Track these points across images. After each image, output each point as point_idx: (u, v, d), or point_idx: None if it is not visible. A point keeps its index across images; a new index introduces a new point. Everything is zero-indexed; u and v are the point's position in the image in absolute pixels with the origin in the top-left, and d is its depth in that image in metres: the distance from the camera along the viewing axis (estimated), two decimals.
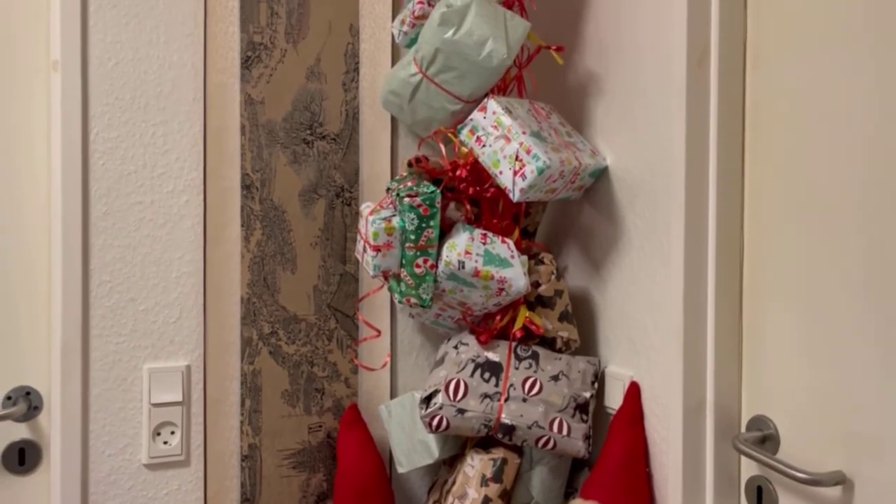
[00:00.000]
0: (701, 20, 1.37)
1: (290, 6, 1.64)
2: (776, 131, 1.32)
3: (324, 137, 1.68)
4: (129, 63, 1.51)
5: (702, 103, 1.38)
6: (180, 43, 1.55)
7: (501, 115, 1.45)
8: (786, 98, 1.30)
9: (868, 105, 1.15)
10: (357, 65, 1.71)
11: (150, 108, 1.53)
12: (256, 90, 1.62)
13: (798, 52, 1.28)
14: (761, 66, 1.36)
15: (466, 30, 1.45)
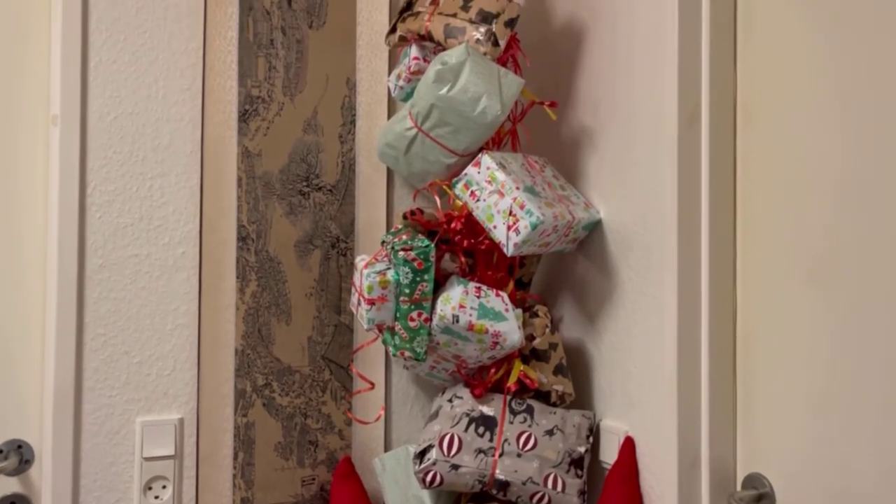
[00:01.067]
0: (691, 80, 1.40)
1: (289, 60, 1.67)
2: (767, 187, 1.34)
3: (320, 188, 1.70)
4: (127, 117, 1.53)
5: (693, 161, 1.39)
6: (179, 97, 1.57)
7: (495, 170, 1.47)
8: (777, 155, 1.32)
9: (859, 161, 1.17)
10: (354, 117, 1.73)
11: (148, 161, 1.54)
12: (254, 143, 1.63)
13: (789, 111, 1.30)
14: (752, 124, 1.38)
15: (461, 87, 1.47)
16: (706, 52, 1.40)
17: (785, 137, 1.31)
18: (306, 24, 1.68)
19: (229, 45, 1.61)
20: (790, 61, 1.30)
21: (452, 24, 1.54)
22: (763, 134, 1.35)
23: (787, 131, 1.30)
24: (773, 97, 1.34)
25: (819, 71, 1.25)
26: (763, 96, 1.36)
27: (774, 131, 1.33)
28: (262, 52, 1.64)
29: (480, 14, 1.53)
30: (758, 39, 1.37)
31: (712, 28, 1.40)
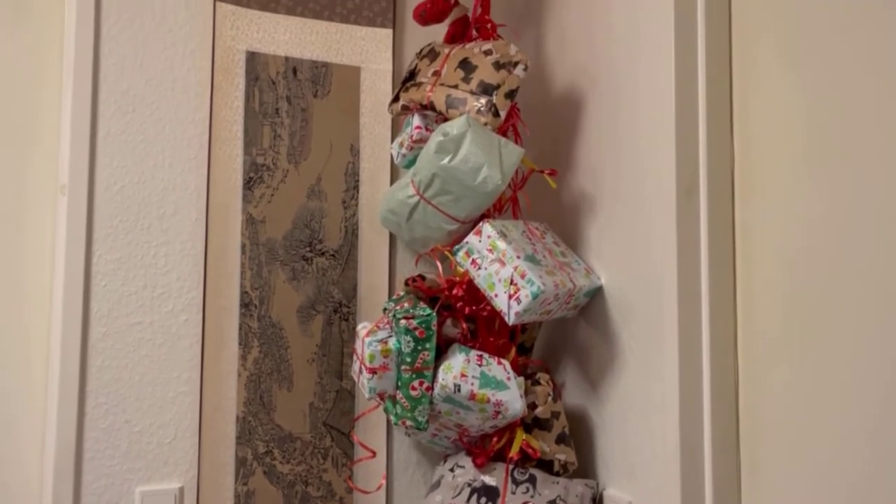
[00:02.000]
0: (689, 151, 1.42)
1: (293, 128, 1.70)
2: (767, 256, 1.34)
3: (323, 254, 1.71)
4: (134, 186, 1.55)
5: (692, 231, 1.41)
6: (185, 166, 1.60)
7: (496, 238, 1.48)
8: (776, 223, 1.33)
9: (858, 229, 1.18)
10: (357, 183, 1.76)
11: (153, 229, 1.56)
12: (258, 210, 1.65)
13: (787, 179, 1.31)
14: (750, 195, 1.39)
15: (462, 157, 1.50)
16: (703, 123, 1.42)
17: (783, 206, 1.32)
18: (311, 93, 1.72)
19: (235, 115, 1.64)
20: (787, 131, 1.32)
21: (454, 95, 1.58)
22: (761, 202, 1.37)
23: (785, 200, 1.32)
24: (770, 166, 1.35)
25: (817, 139, 1.26)
26: (760, 165, 1.38)
27: (773, 200, 1.34)
28: (268, 120, 1.67)
29: (481, 85, 1.56)
30: (754, 110, 1.39)
31: (709, 99, 1.42)
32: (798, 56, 1.30)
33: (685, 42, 1.43)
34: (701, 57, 1.43)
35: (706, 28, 1.43)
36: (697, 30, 1.44)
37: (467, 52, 1.62)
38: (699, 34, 1.44)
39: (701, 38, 1.44)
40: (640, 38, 1.51)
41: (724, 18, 1.45)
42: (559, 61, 1.77)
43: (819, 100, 1.26)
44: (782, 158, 1.33)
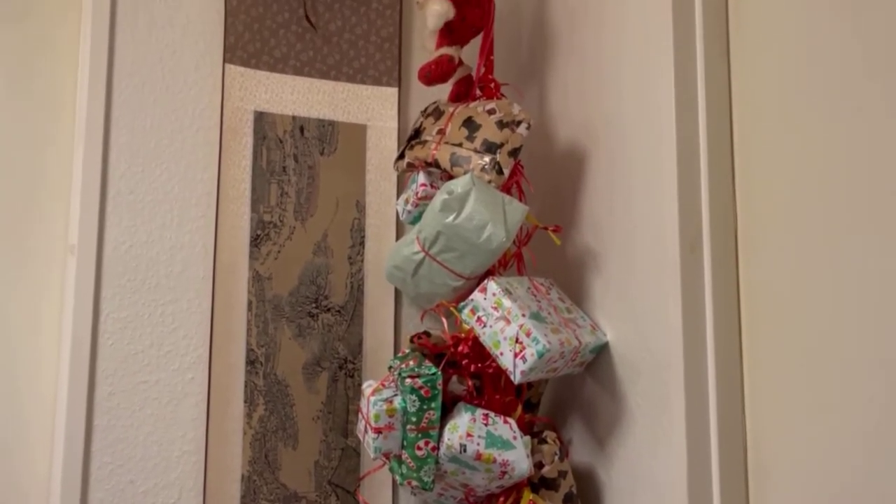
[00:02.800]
0: (692, 208, 1.43)
1: (300, 186, 1.72)
2: (772, 312, 1.34)
3: (329, 310, 1.72)
4: (142, 245, 1.57)
5: (696, 287, 1.41)
6: (193, 224, 1.62)
7: (501, 296, 1.49)
8: (780, 280, 1.33)
9: (862, 289, 1.18)
10: (363, 239, 1.77)
11: (161, 287, 1.58)
12: (264, 267, 1.67)
13: (789, 239, 1.32)
14: (753, 251, 1.40)
15: (466, 215, 1.51)
16: (705, 180, 1.43)
17: (788, 262, 1.32)
18: (318, 150, 1.74)
19: (243, 173, 1.67)
20: (789, 187, 1.33)
21: (458, 153, 1.60)
22: (765, 259, 1.37)
23: (789, 256, 1.32)
24: (773, 222, 1.36)
25: (819, 196, 1.27)
26: (763, 222, 1.38)
27: (777, 256, 1.35)
28: (275, 178, 1.70)
29: (485, 144, 1.59)
30: (756, 167, 1.40)
31: (710, 156, 1.44)
32: (800, 113, 1.32)
33: (686, 100, 1.45)
34: (702, 115, 1.45)
35: (707, 87, 1.45)
36: (698, 89, 1.46)
37: (471, 112, 1.64)
38: (699, 94, 1.46)
39: (701, 97, 1.45)
40: (642, 96, 1.53)
41: (724, 78, 1.47)
42: (562, 117, 1.79)
43: (821, 157, 1.27)
44: (785, 215, 1.33)
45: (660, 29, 1.48)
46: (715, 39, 1.47)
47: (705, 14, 1.47)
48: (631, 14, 1.56)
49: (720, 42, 1.48)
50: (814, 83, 1.29)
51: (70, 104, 1.59)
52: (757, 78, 1.42)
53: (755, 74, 1.42)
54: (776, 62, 1.37)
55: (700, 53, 1.46)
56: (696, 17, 1.47)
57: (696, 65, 1.47)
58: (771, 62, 1.38)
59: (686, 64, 1.46)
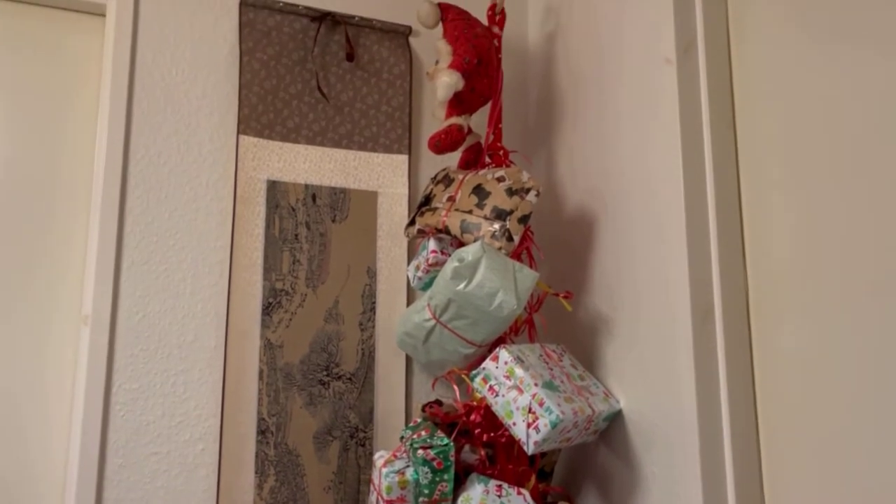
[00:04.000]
0: (703, 279, 1.43)
1: (312, 253, 1.73)
2: (786, 383, 1.33)
3: (339, 377, 1.71)
4: (155, 315, 1.58)
5: (709, 356, 1.40)
6: (205, 293, 1.63)
7: (513, 365, 1.48)
8: (792, 350, 1.32)
9: (879, 358, 1.17)
10: (374, 305, 1.77)
11: (173, 357, 1.58)
12: (276, 335, 1.67)
13: (800, 307, 1.31)
14: (766, 323, 1.39)
15: (477, 283, 1.51)
16: (715, 248, 1.44)
17: (800, 329, 1.31)
18: (330, 218, 1.76)
19: (256, 242, 1.68)
20: (799, 255, 1.33)
21: (468, 220, 1.61)
22: (778, 326, 1.36)
23: (801, 325, 1.31)
24: (784, 290, 1.36)
25: (828, 264, 1.27)
26: (774, 290, 1.38)
27: (789, 323, 1.34)
28: (287, 246, 1.71)
29: (495, 211, 1.60)
30: (765, 234, 1.41)
31: (720, 226, 1.44)
32: (808, 179, 1.33)
33: (694, 168, 1.47)
34: (710, 182, 1.46)
35: (714, 154, 1.47)
36: (705, 157, 1.48)
37: (481, 179, 1.66)
38: (707, 161, 1.47)
39: (709, 165, 1.47)
40: (649, 163, 1.54)
41: (731, 144, 1.49)
42: (570, 183, 1.81)
43: (830, 222, 1.28)
44: (797, 281, 1.33)
45: (667, 99, 1.51)
46: (720, 106, 1.49)
47: (709, 82, 1.49)
48: (636, 83, 1.59)
49: (726, 109, 1.50)
50: (820, 148, 1.30)
51: (87, 174, 1.61)
52: (762, 143, 1.44)
53: (760, 140, 1.44)
54: (782, 127, 1.39)
55: (706, 121, 1.48)
56: (702, 87, 1.50)
57: (703, 133, 1.49)
58: (776, 128, 1.40)
59: (693, 132, 1.48)
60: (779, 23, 1.42)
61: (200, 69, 1.69)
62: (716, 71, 1.51)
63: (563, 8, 1.91)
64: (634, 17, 1.63)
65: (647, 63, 1.58)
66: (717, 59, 1.51)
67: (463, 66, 1.66)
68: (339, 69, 1.82)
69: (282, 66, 1.76)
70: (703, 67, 1.50)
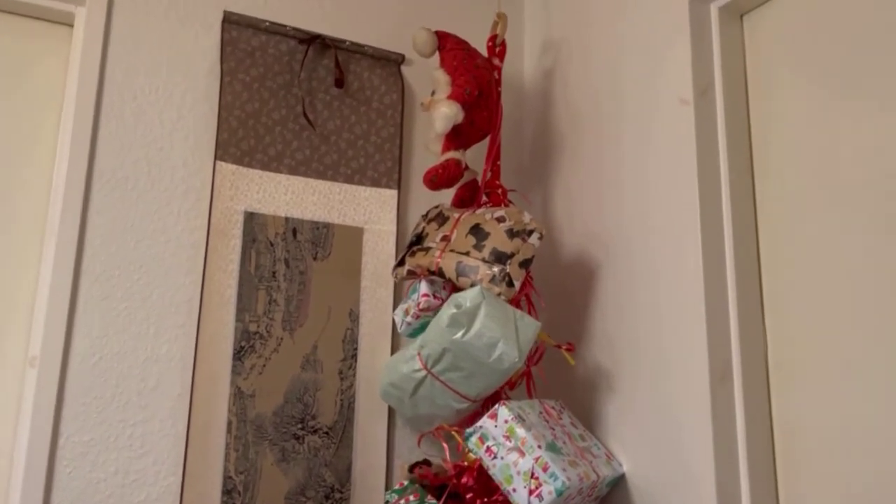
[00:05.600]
0: (721, 335, 1.33)
1: (290, 293, 1.58)
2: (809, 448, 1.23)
3: (316, 431, 1.55)
4: (113, 358, 1.41)
5: (728, 419, 1.29)
6: (171, 334, 1.46)
7: (514, 424, 1.35)
8: (814, 413, 1.23)
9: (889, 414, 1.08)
10: (355, 351, 1.63)
11: (131, 405, 1.40)
12: (248, 382, 1.51)
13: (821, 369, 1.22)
14: (786, 386, 1.29)
15: (476, 332, 1.38)
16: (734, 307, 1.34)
17: (820, 399, 1.22)
18: (311, 255, 1.62)
19: (229, 279, 1.53)
20: (818, 319, 1.24)
21: (465, 263, 1.49)
22: (799, 395, 1.27)
23: (821, 392, 1.22)
24: (803, 355, 1.27)
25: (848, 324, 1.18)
26: (793, 354, 1.29)
27: (809, 393, 1.25)
28: (264, 284, 1.56)
29: (494, 253, 1.48)
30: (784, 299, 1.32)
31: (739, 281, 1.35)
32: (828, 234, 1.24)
33: (712, 215, 1.37)
34: (728, 229, 1.37)
35: (731, 200, 1.38)
36: (723, 204, 1.38)
37: (478, 218, 1.54)
38: (725, 208, 1.38)
39: (727, 210, 1.38)
40: (664, 210, 1.44)
41: (749, 192, 1.40)
42: (568, 227, 1.70)
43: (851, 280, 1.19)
44: (816, 345, 1.24)
45: (683, 141, 1.41)
46: (738, 152, 1.41)
47: (728, 126, 1.41)
48: (657, 124, 1.50)
49: (743, 155, 1.41)
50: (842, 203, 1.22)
51: (45, 196, 1.45)
52: (781, 195, 1.35)
53: (779, 191, 1.35)
54: (801, 178, 1.31)
55: (724, 167, 1.40)
56: (719, 129, 1.41)
57: (721, 179, 1.40)
58: (795, 178, 1.32)
59: (711, 178, 1.39)
60: (797, 72, 1.34)
61: (176, 88, 1.55)
62: (733, 116, 1.42)
63: (562, 44, 1.82)
64: (640, 57, 1.55)
65: (657, 104, 1.49)
66: (735, 104, 1.43)
67: (463, 97, 1.55)
68: (326, 96, 1.70)
69: (265, 89, 1.63)
70: (722, 110, 1.42)
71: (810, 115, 1.31)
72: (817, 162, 1.29)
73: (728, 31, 1.46)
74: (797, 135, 1.33)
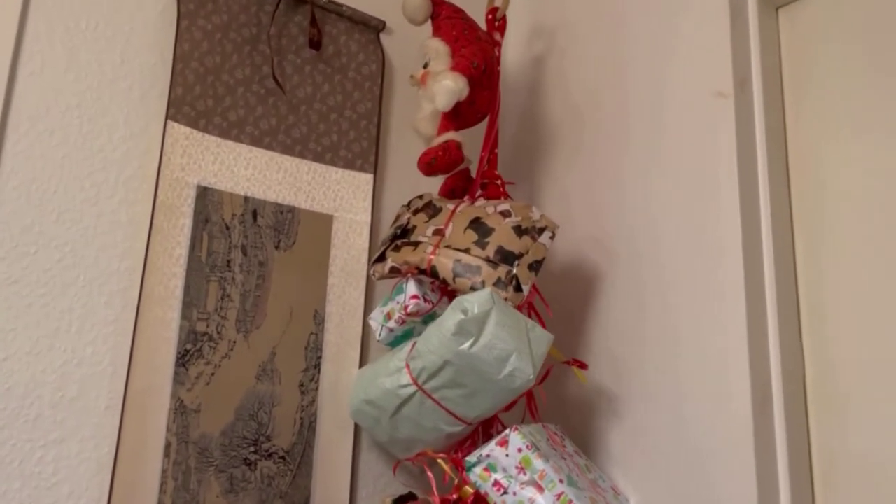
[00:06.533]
0: (761, 355, 1.18)
1: (247, 287, 1.31)
2: (849, 479, 1.12)
3: (270, 455, 1.28)
4: (22, 358, 1.09)
5: (768, 453, 1.14)
6: (99, 332, 1.16)
7: (531, 454, 1.14)
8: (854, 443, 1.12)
9: None
10: (319, 361, 1.37)
11: (43, 421, 1.09)
12: (192, 395, 1.22)
13: (863, 393, 1.11)
14: (826, 407, 1.17)
15: (486, 342, 1.17)
16: (774, 323, 1.20)
17: (863, 422, 1.10)
18: (272, 243, 1.35)
19: (175, 266, 1.24)
20: (857, 344, 1.14)
21: (465, 261, 1.27)
22: (838, 416, 1.14)
23: (864, 415, 1.11)
24: (842, 381, 1.15)
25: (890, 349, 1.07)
26: (833, 376, 1.16)
27: (850, 414, 1.13)
28: (216, 275, 1.28)
29: (500, 253, 1.27)
30: (823, 316, 1.20)
31: (779, 302, 1.21)
32: (866, 258, 1.14)
33: (751, 222, 1.23)
34: (767, 234, 1.24)
35: (771, 204, 1.25)
36: (761, 213, 1.24)
37: (479, 211, 1.33)
38: (763, 210, 1.24)
39: (765, 213, 1.25)
40: (695, 219, 1.29)
41: (786, 195, 1.27)
42: (562, 229, 1.52)
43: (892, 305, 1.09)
44: (854, 371, 1.14)
45: (720, 138, 1.27)
46: (776, 150, 1.28)
47: (767, 126, 1.28)
48: (682, 118, 1.34)
49: (780, 154, 1.28)
50: (882, 210, 1.12)
51: None
52: (819, 201, 1.23)
53: (817, 195, 1.23)
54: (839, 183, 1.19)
55: (763, 172, 1.26)
56: (757, 125, 1.28)
57: (759, 184, 1.26)
58: (832, 181, 1.20)
59: (750, 184, 1.25)
60: (834, 69, 1.24)
61: (122, 27, 1.25)
62: (772, 112, 1.29)
63: (556, 30, 1.65)
64: (655, 45, 1.39)
65: (681, 96, 1.34)
66: (772, 100, 1.30)
67: (470, 70, 1.34)
68: (297, 58, 1.44)
69: (229, 41, 1.36)
70: (761, 105, 1.28)
71: (849, 114, 1.20)
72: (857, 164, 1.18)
73: (765, 23, 1.33)
74: (834, 134, 1.22)
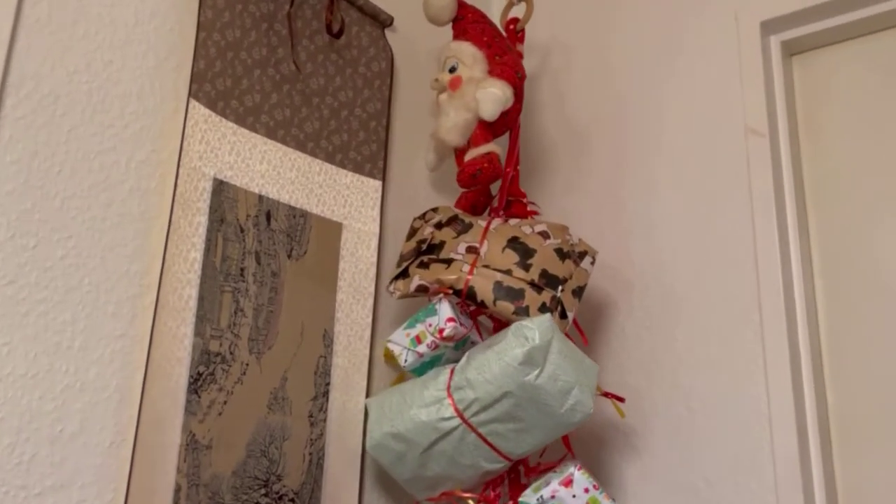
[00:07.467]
0: (797, 392, 1.20)
1: (260, 300, 1.13)
2: None
3: (281, 497, 1.11)
4: (17, 382, 0.84)
5: (808, 484, 1.16)
6: (105, 349, 0.93)
7: (598, 495, 1.07)
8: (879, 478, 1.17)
9: None
10: (327, 388, 1.21)
11: (38, 463, 0.85)
12: (204, 427, 1.02)
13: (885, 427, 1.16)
14: (849, 440, 1.21)
15: (550, 373, 1.09)
16: (808, 361, 1.23)
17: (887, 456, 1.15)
18: (285, 251, 1.18)
19: (189, 272, 1.03)
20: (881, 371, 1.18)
21: (507, 284, 1.18)
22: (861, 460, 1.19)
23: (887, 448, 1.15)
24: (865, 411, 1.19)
25: None
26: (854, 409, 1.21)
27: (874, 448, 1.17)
28: (230, 285, 1.09)
29: (545, 276, 1.19)
30: (845, 348, 1.25)
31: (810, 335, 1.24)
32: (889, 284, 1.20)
33: (785, 254, 1.25)
34: (797, 269, 1.26)
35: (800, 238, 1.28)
36: (790, 245, 1.27)
37: (514, 230, 1.25)
38: (793, 249, 1.27)
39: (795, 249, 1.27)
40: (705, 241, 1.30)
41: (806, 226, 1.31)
42: None
43: None
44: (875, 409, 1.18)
45: (755, 174, 1.28)
46: (799, 190, 1.32)
47: (793, 164, 1.31)
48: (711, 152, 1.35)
49: (801, 193, 1.33)
50: None
51: None
52: (837, 244, 1.28)
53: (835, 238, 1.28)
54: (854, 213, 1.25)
55: (791, 207, 1.29)
56: (784, 163, 1.31)
57: (788, 218, 1.29)
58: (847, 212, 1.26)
59: (782, 217, 1.27)
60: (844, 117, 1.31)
61: None
62: (794, 151, 1.33)
63: (553, 47, 1.61)
64: (682, 79, 1.40)
65: (708, 131, 1.35)
66: (793, 140, 1.34)
67: (515, 79, 1.27)
68: (311, 45, 1.28)
69: (248, 15, 1.17)
70: (787, 144, 1.32)
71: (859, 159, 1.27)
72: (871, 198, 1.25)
73: (785, 67, 1.37)
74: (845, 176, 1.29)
